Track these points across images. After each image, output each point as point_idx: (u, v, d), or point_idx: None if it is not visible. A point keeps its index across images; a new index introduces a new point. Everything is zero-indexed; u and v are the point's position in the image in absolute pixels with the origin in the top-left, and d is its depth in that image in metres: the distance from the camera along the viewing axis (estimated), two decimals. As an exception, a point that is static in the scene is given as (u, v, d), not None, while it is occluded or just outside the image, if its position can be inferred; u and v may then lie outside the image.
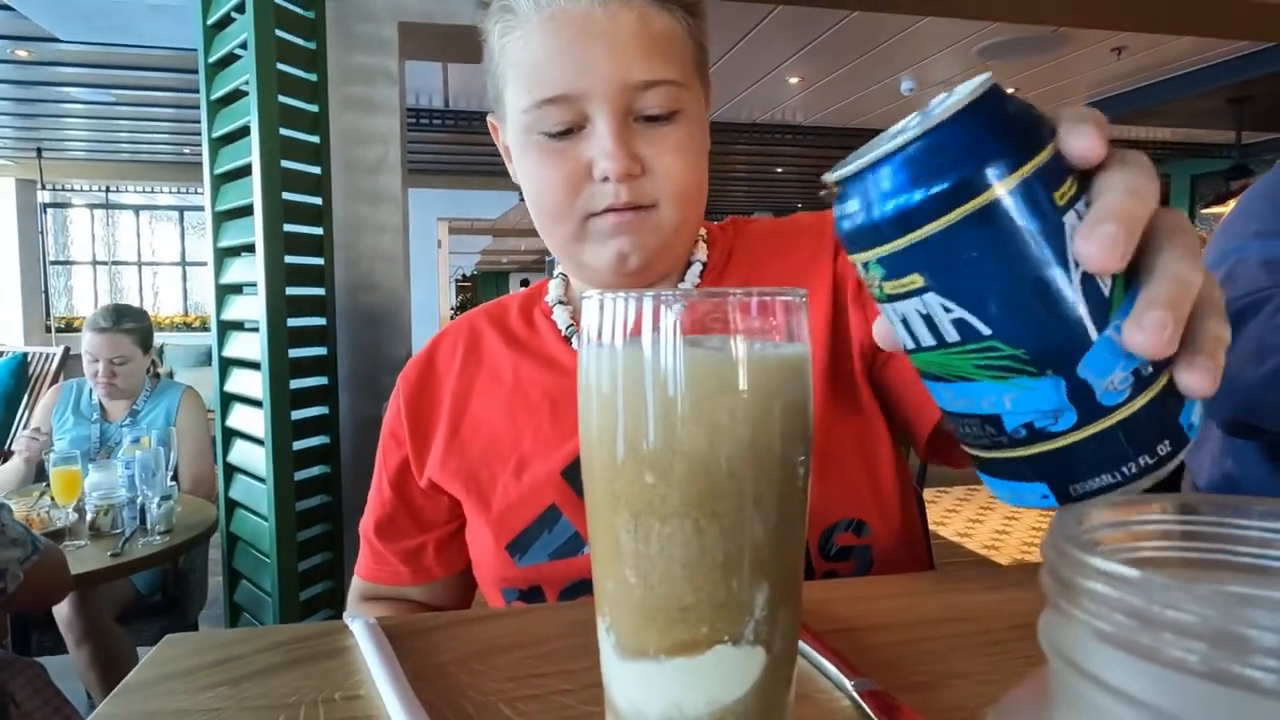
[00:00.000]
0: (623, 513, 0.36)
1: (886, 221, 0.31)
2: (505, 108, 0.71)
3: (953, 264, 0.31)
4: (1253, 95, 5.24)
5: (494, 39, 0.69)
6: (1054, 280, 0.30)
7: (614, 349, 0.36)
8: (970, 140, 0.30)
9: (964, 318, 0.31)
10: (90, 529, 2.05)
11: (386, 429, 0.83)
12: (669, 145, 0.66)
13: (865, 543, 0.72)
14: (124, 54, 4.28)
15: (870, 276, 0.34)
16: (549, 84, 0.64)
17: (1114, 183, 0.30)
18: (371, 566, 0.84)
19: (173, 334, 9.04)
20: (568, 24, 0.64)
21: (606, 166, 0.64)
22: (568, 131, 0.66)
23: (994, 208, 0.30)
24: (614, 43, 0.63)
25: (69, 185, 8.94)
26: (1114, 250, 0.29)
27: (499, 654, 0.53)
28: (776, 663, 0.37)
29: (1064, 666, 0.18)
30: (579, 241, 0.69)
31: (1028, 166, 0.30)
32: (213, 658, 0.53)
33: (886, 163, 0.31)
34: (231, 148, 2.04)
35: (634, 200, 0.66)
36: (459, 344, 0.83)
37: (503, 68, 0.69)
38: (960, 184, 0.30)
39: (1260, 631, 0.15)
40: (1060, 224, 0.30)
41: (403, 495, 0.82)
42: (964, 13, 3.45)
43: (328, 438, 2.18)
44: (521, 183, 0.72)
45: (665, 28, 0.65)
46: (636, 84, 0.64)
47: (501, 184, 8.43)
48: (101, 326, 2.46)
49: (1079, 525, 0.20)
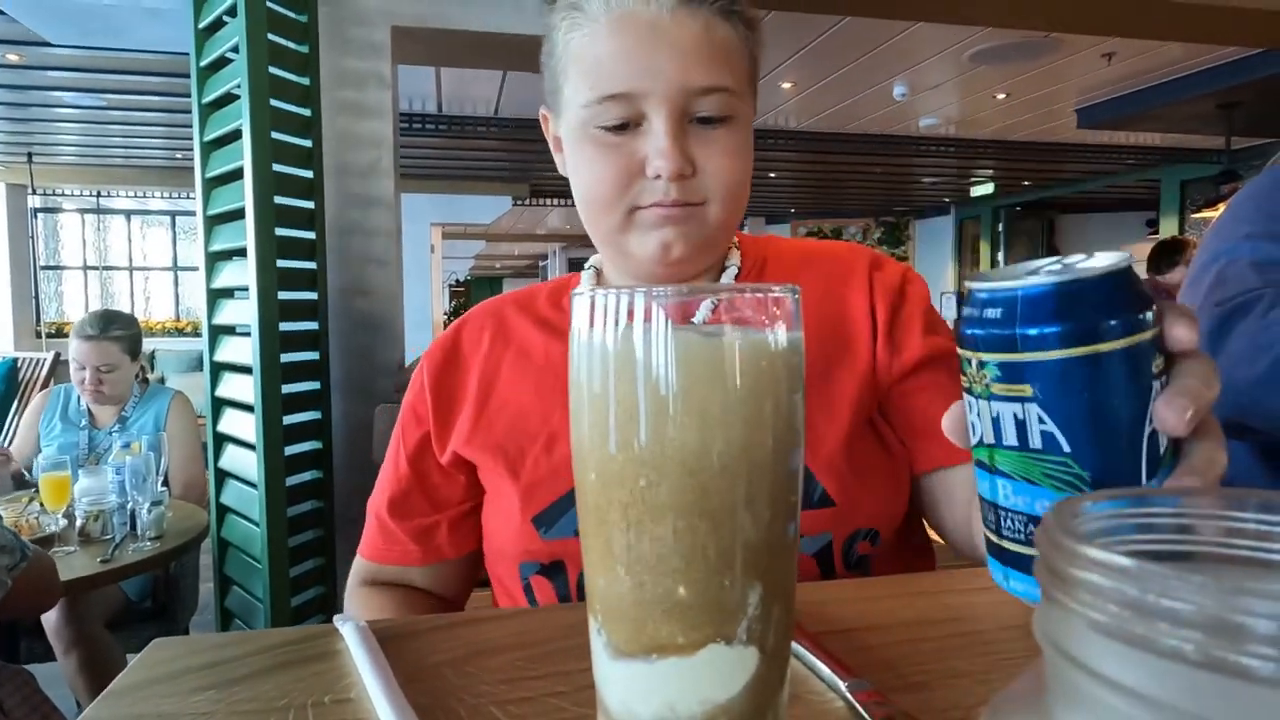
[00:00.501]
0: (614, 511, 0.36)
1: (1024, 337, 0.38)
2: (562, 101, 0.73)
3: (1063, 387, 0.38)
4: (1242, 101, 5.28)
5: (558, 34, 0.71)
6: (1132, 427, 0.38)
7: (604, 345, 0.36)
8: (1111, 299, 0.38)
9: (1053, 432, 0.38)
10: (80, 535, 2.03)
11: (408, 407, 0.84)
12: (720, 148, 0.69)
13: (876, 552, 0.74)
14: (115, 58, 4.27)
15: (979, 373, 0.40)
16: (612, 81, 0.67)
17: (1193, 370, 0.39)
18: (379, 546, 0.83)
19: (164, 339, 9.00)
20: (635, 26, 0.67)
21: (661, 165, 0.67)
22: (623, 127, 0.68)
23: (1110, 356, 0.37)
24: (678, 48, 0.66)
25: (60, 190, 8.90)
26: (1185, 421, 0.37)
27: (491, 656, 0.52)
28: (770, 663, 0.37)
29: (1059, 658, 0.18)
30: (624, 232, 0.72)
31: (1145, 335, 0.38)
32: (201, 661, 0.52)
33: (1038, 290, 0.38)
34: (223, 151, 2.03)
35: (682, 198, 0.69)
36: (486, 326, 0.85)
37: (565, 63, 0.71)
38: (1095, 329, 0.37)
39: (1255, 620, 0.15)
40: (1150, 386, 0.38)
41: (420, 473, 0.82)
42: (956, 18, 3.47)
43: (320, 442, 2.17)
44: (571, 173, 0.74)
45: (726, 38, 0.69)
46: (695, 89, 0.67)
47: (495, 189, 8.43)
48: (89, 334, 2.43)
49: (1074, 517, 0.20)
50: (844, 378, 0.76)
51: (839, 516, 0.71)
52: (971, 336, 0.41)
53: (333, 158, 2.23)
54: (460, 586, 0.87)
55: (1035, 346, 0.38)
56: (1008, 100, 5.65)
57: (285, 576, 1.99)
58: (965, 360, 0.42)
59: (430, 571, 0.83)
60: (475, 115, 5.85)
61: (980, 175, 8.64)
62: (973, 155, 7.30)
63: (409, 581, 0.84)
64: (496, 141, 6.34)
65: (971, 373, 0.41)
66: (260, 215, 1.91)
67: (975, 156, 7.37)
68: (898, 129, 6.47)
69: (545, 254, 18.73)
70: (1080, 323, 0.37)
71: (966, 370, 0.42)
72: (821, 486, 0.71)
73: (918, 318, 0.78)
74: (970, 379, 0.41)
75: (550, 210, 10.85)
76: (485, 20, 2.34)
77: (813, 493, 0.71)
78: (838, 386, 0.75)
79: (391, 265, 2.34)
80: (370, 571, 0.85)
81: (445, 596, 0.86)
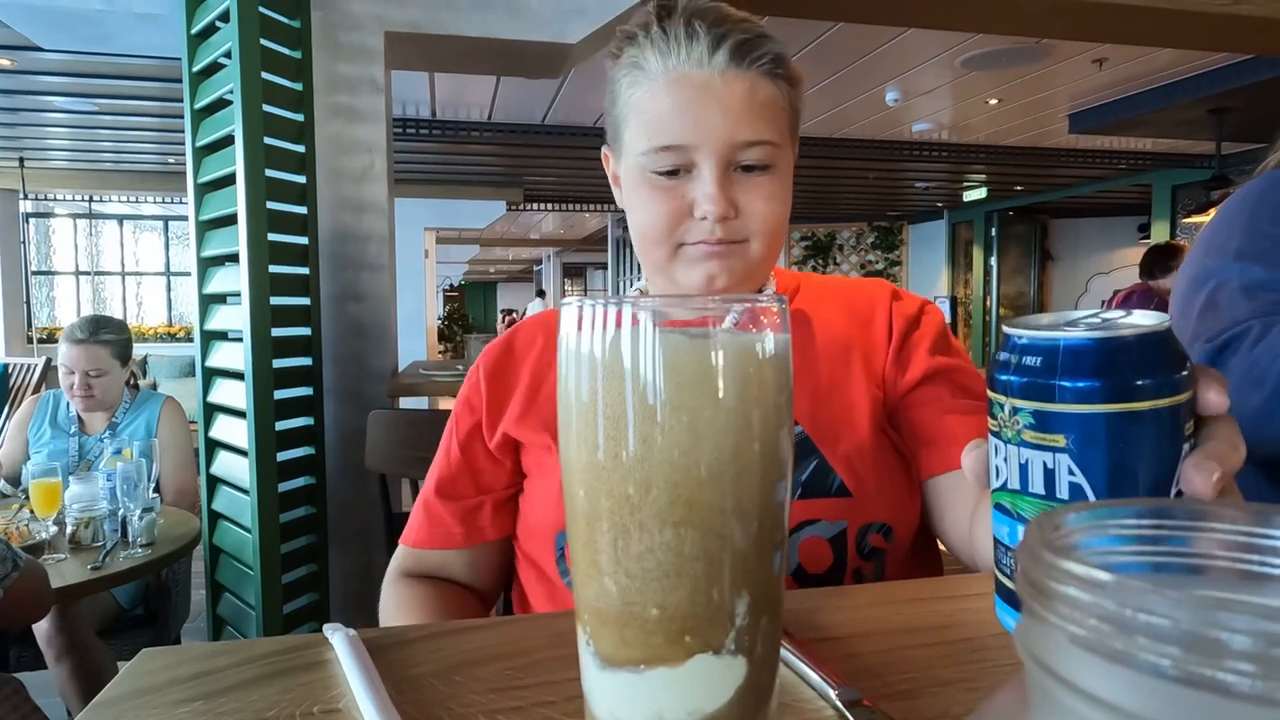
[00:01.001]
0: (602, 521, 0.36)
1: (1063, 388, 0.39)
2: (622, 145, 0.82)
3: (1096, 441, 0.38)
4: (1232, 106, 5.30)
5: (621, 87, 0.81)
6: (1159, 486, 0.39)
7: (592, 355, 0.36)
8: (1153, 358, 0.39)
9: (1081, 484, 0.39)
10: (70, 542, 2.02)
11: (462, 401, 0.91)
12: (760, 194, 0.78)
13: (888, 547, 0.79)
14: (107, 63, 4.26)
15: (1012, 419, 0.41)
16: (668, 134, 0.76)
17: (1221, 433, 0.40)
18: (423, 529, 0.88)
19: (157, 345, 8.96)
20: (689, 86, 0.75)
21: (708, 209, 0.76)
22: (675, 173, 0.77)
23: (1147, 415, 0.38)
24: (726, 106, 0.75)
25: (52, 195, 8.86)
26: (1212, 485, 0.38)
27: (480, 665, 0.52)
28: (758, 672, 0.37)
29: (1040, 671, 0.18)
30: (672, 263, 0.80)
31: (1181, 396, 0.39)
32: (190, 671, 0.52)
33: (1082, 344, 0.39)
34: (215, 157, 2.03)
35: (726, 237, 0.78)
36: (538, 332, 0.93)
37: (626, 113, 0.80)
38: (1135, 387, 0.38)
39: (1233, 634, 0.15)
40: (1180, 449, 0.39)
41: (469, 457, 0.89)
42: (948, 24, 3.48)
43: (312, 448, 2.16)
44: (628, 209, 0.83)
45: (769, 96, 0.77)
46: (740, 142, 0.76)
47: (489, 194, 8.42)
48: (78, 338, 2.41)
49: (1055, 530, 0.20)
50: (860, 389, 0.83)
51: (854, 507, 0.78)
52: (1006, 382, 0.41)
53: (326, 163, 2.23)
54: (495, 577, 0.92)
55: (1074, 399, 0.39)
56: (1000, 106, 5.67)
57: (278, 583, 1.99)
58: (997, 404, 0.42)
59: (470, 556, 0.88)
60: (469, 120, 5.84)
61: (973, 180, 8.67)
62: (965, 160, 7.32)
63: (448, 573, 0.89)
64: (490, 146, 6.33)
65: (1003, 417, 0.42)
66: (253, 220, 1.91)
67: (968, 161, 7.39)
68: (891, 134, 6.49)
69: (539, 259, 18.75)
70: (1121, 380, 0.38)
71: (997, 414, 0.42)
72: (839, 478, 0.78)
73: (927, 340, 0.86)
74: (1001, 423, 0.42)
75: (544, 215, 10.85)
76: (479, 26, 2.34)
77: (831, 483, 0.78)
78: (855, 396, 0.83)
79: (385, 270, 2.34)
80: (411, 559, 0.90)
81: (480, 589, 0.91)
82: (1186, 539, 0.22)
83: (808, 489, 0.77)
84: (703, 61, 0.75)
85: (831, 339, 0.86)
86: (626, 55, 0.80)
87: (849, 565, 0.77)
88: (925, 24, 3.53)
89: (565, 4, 2.38)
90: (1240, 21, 3.33)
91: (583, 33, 2.40)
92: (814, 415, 0.81)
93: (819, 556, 0.76)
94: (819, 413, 0.81)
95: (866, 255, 11.29)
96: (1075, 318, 0.42)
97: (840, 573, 0.77)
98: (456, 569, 0.89)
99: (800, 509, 0.77)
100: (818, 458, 0.79)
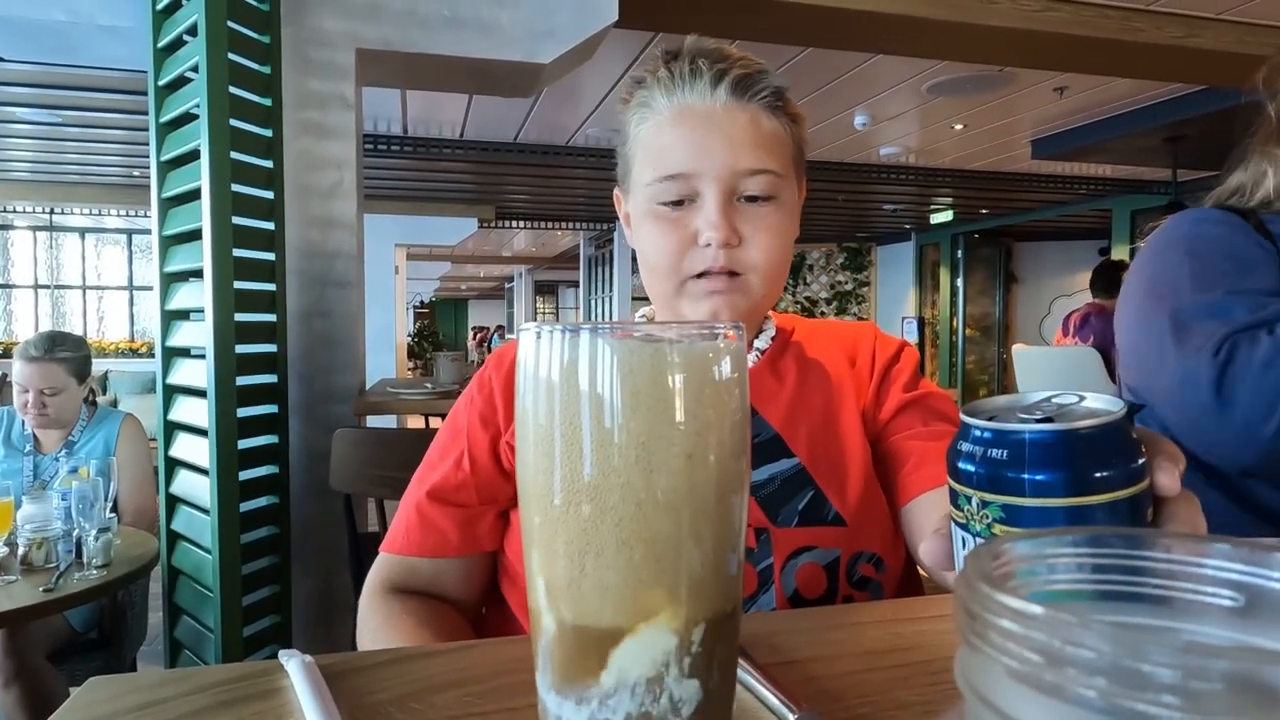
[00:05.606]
0: (558, 545, 0.36)
1: (1034, 483, 0.38)
2: (631, 182, 0.84)
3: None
4: (1187, 135, 5.45)
5: (630, 127, 0.84)
6: None
7: (550, 380, 0.36)
8: (1118, 447, 0.39)
9: None
10: (22, 563, 1.96)
11: (476, 412, 0.87)
12: (763, 224, 0.80)
13: (880, 579, 0.80)
14: (71, 75, 4.19)
15: (981, 512, 0.40)
16: (672, 163, 0.79)
17: (1179, 514, 0.42)
18: (415, 535, 0.83)
19: (118, 360, 8.77)
20: (693, 117, 0.79)
21: (711, 235, 0.78)
22: (680, 203, 0.79)
23: (1118, 505, 0.38)
24: (729, 136, 0.78)
25: (12, 207, 8.67)
26: None
27: (436, 693, 0.51)
28: (714, 696, 0.37)
29: (977, 702, 0.18)
30: (678, 297, 0.82)
31: (1145, 482, 0.39)
32: (137, 701, 0.51)
33: (1048, 437, 0.39)
34: (181, 171, 2.00)
35: (728, 265, 0.79)
36: None
37: (634, 149, 0.83)
38: (1105, 478, 0.38)
39: (1155, 668, 0.15)
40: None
41: (479, 469, 0.84)
42: (914, 51, 3.56)
43: (276, 467, 2.12)
44: (637, 244, 0.85)
45: (772, 129, 0.80)
46: (743, 170, 0.78)
47: (460, 210, 8.40)
48: (32, 355, 2.35)
49: (994, 560, 0.21)
50: (852, 425, 0.85)
51: (848, 536, 0.79)
52: (972, 474, 0.41)
53: (294, 179, 2.21)
54: (485, 592, 0.88)
55: (1045, 493, 0.39)
56: (965, 131, 5.78)
57: (238, 605, 1.94)
58: (963, 497, 0.42)
59: (465, 565, 0.84)
60: (441, 137, 5.83)
61: (940, 203, 8.82)
62: (932, 184, 7.45)
63: (440, 584, 0.84)
64: (463, 164, 6.32)
65: (970, 510, 0.41)
66: (218, 236, 1.88)
67: (934, 185, 7.52)
68: (859, 157, 6.58)
69: (511, 276, 18.70)
70: (1091, 471, 0.38)
71: (964, 506, 0.42)
72: (834, 508, 0.80)
73: (903, 376, 0.89)
74: (969, 515, 0.42)
75: (516, 233, 10.84)
76: (451, 45, 2.35)
77: (826, 513, 0.80)
78: (848, 431, 0.85)
79: (353, 287, 2.32)
80: (398, 568, 0.85)
81: (469, 604, 0.86)
82: (1124, 567, 0.22)
83: (805, 517, 0.79)
84: (706, 95, 0.78)
85: (825, 376, 0.88)
86: (636, 97, 0.83)
87: (840, 592, 0.78)
88: (892, 51, 3.60)
89: (537, 25, 2.39)
90: (1192, 54, 3.44)
91: (554, 53, 2.41)
92: (811, 448, 0.82)
93: (814, 582, 0.78)
94: (816, 446, 0.83)
95: (836, 275, 11.42)
96: (1031, 403, 0.43)
97: (833, 599, 0.78)
98: (449, 579, 0.85)
99: (798, 536, 0.78)
100: (814, 489, 0.80)
